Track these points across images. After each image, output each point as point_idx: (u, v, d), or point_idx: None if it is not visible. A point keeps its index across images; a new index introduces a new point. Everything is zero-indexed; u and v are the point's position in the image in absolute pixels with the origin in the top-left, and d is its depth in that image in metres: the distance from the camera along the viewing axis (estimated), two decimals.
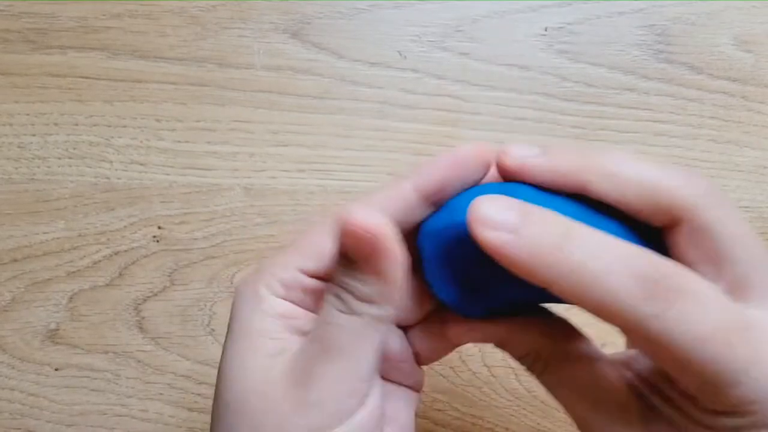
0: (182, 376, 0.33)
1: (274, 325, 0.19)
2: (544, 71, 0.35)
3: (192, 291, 0.34)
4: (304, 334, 0.19)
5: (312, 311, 0.20)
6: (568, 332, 0.20)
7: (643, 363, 0.20)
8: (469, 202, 0.17)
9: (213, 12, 0.35)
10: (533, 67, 0.35)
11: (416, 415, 0.23)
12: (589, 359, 0.19)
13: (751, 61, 0.35)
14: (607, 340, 0.27)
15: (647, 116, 0.35)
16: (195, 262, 0.34)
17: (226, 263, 0.34)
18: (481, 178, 0.19)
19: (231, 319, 0.20)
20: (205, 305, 0.34)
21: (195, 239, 0.34)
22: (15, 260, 0.34)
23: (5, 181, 0.34)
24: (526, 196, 0.18)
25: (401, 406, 0.22)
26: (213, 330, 0.34)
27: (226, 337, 0.20)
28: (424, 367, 0.23)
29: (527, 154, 0.18)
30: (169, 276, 0.34)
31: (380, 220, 0.17)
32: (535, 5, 0.35)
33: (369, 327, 0.18)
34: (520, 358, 0.20)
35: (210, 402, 0.34)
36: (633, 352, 0.21)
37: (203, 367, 0.33)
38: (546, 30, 0.35)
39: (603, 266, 0.15)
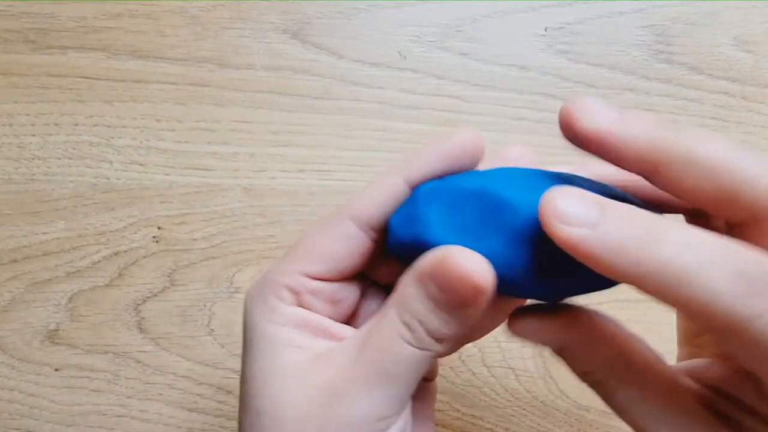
0: (182, 376, 0.33)
1: (293, 333, 0.19)
2: (544, 71, 0.35)
3: (192, 291, 0.34)
4: (323, 335, 0.19)
5: (321, 313, 0.20)
6: (637, 342, 0.19)
7: (720, 375, 0.19)
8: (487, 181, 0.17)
9: (213, 12, 0.35)
10: (533, 67, 0.35)
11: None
12: (660, 371, 0.18)
13: (751, 61, 0.35)
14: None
15: None
16: (195, 263, 0.34)
17: (226, 263, 0.34)
18: (474, 167, 0.19)
19: (247, 330, 0.20)
20: (205, 305, 0.34)
21: (195, 239, 0.34)
22: (15, 260, 0.34)
23: (5, 181, 0.34)
24: (535, 182, 0.17)
25: (418, 397, 0.21)
26: (213, 330, 0.34)
27: (245, 349, 0.20)
28: None
29: (602, 114, 0.16)
30: (169, 276, 0.34)
31: (485, 270, 0.16)
32: (535, 5, 0.35)
33: (429, 361, 0.17)
34: (584, 375, 0.18)
35: (210, 402, 0.34)
36: (703, 362, 0.20)
37: (203, 368, 0.33)
38: (546, 30, 0.35)
39: (696, 262, 0.14)
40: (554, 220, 0.15)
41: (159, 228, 0.34)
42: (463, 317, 0.17)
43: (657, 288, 0.14)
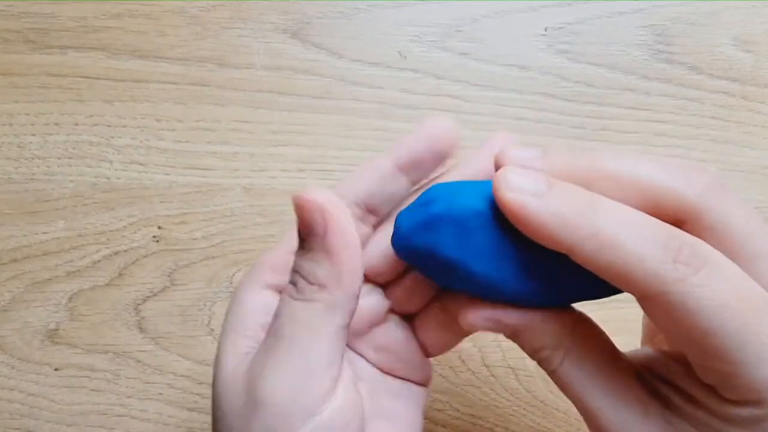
0: (182, 376, 0.33)
1: (249, 321, 0.19)
2: (544, 71, 0.35)
3: (192, 291, 0.34)
4: None
5: None
6: (588, 327, 0.20)
7: (658, 361, 0.20)
8: (452, 192, 0.18)
9: (213, 12, 0.35)
10: (533, 67, 0.35)
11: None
12: (609, 354, 0.19)
13: (751, 61, 0.35)
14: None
15: (647, 116, 0.35)
16: (195, 262, 0.34)
17: (226, 263, 0.34)
18: (451, 152, 0.21)
19: (228, 310, 0.20)
20: (205, 305, 0.34)
21: (195, 239, 0.34)
22: (15, 260, 0.34)
23: (5, 181, 0.34)
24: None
25: (405, 404, 0.21)
26: (213, 330, 0.34)
27: (227, 323, 0.20)
28: None
29: (526, 156, 0.18)
30: (169, 276, 0.34)
31: (329, 196, 0.17)
32: (535, 5, 0.35)
33: (323, 316, 0.17)
34: (534, 352, 0.20)
35: (210, 402, 0.34)
36: (647, 350, 0.21)
37: (203, 367, 0.33)
38: (546, 30, 0.35)
39: (625, 231, 0.15)
40: (503, 186, 0.16)
41: (159, 228, 0.34)
42: (331, 251, 0.17)
43: (590, 254, 0.15)
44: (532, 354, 0.19)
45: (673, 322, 0.16)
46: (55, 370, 0.33)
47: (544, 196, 0.16)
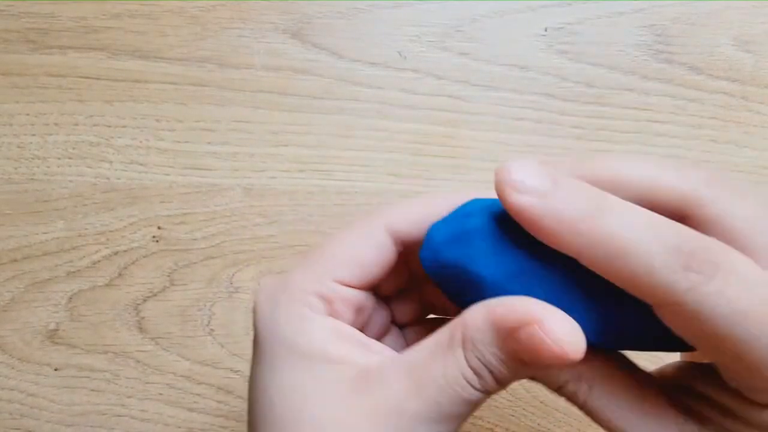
0: (182, 376, 0.33)
1: (329, 346, 0.18)
2: (544, 71, 0.35)
3: (191, 291, 0.34)
4: (359, 348, 0.18)
5: (352, 324, 0.19)
6: (604, 352, 0.19)
7: (686, 372, 0.19)
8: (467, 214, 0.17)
9: (213, 12, 0.35)
10: (533, 67, 0.35)
11: None
12: (634, 377, 0.18)
13: (751, 61, 0.35)
14: None
15: (647, 116, 0.35)
16: (195, 263, 0.34)
17: (226, 263, 0.34)
18: None
19: (266, 342, 0.18)
20: (205, 305, 0.34)
21: (195, 239, 0.34)
22: (15, 260, 0.34)
23: (5, 181, 0.34)
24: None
25: None
26: (212, 330, 0.34)
27: (262, 362, 0.18)
28: None
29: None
30: (169, 276, 0.34)
31: (579, 341, 0.15)
32: (535, 5, 0.35)
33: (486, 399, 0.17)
34: (559, 388, 0.18)
35: (209, 402, 0.34)
36: (674, 363, 0.20)
37: (203, 368, 0.33)
38: (546, 30, 0.35)
39: (636, 235, 0.14)
40: (507, 188, 0.15)
41: (159, 228, 0.34)
42: (539, 371, 0.17)
43: (599, 260, 0.15)
44: (558, 390, 0.18)
45: (691, 330, 0.15)
46: (55, 370, 0.33)
47: (548, 195, 0.15)
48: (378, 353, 0.18)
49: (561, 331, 0.15)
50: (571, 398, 0.18)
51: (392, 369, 0.17)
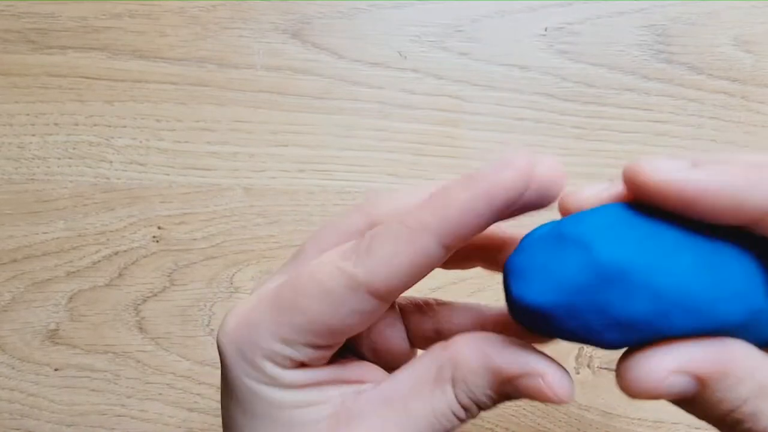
0: (182, 376, 0.33)
1: (300, 395, 0.17)
2: (544, 71, 0.35)
3: (192, 291, 0.34)
4: (333, 383, 0.18)
5: (323, 361, 0.18)
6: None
7: None
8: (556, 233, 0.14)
9: (213, 12, 0.35)
10: (533, 67, 0.35)
11: None
12: None
13: (751, 61, 0.35)
14: None
15: (647, 116, 0.35)
16: (195, 262, 0.34)
17: (226, 263, 0.34)
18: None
19: (237, 391, 0.17)
20: (205, 305, 0.34)
21: (195, 239, 0.34)
22: (15, 260, 0.34)
23: (5, 181, 0.34)
24: (629, 222, 0.14)
25: None
26: (213, 330, 0.34)
27: (236, 407, 0.17)
28: None
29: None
30: (169, 276, 0.34)
31: (569, 390, 0.15)
32: (535, 5, 0.35)
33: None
34: (729, 412, 0.15)
35: (209, 402, 0.34)
36: None
37: (203, 368, 0.33)
38: (546, 30, 0.35)
39: None
40: (649, 171, 0.14)
41: (159, 228, 0.34)
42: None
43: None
44: (721, 420, 0.15)
45: None
46: (55, 370, 0.33)
47: (696, 168, 0.13)
48: (356, 380, 0.18)
49: (560, 384, 0.15)
50: (737, 426, 0.15)
51: (370, 405, 0.17)
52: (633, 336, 0.14)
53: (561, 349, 0.33)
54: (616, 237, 0.14)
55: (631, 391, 0.14)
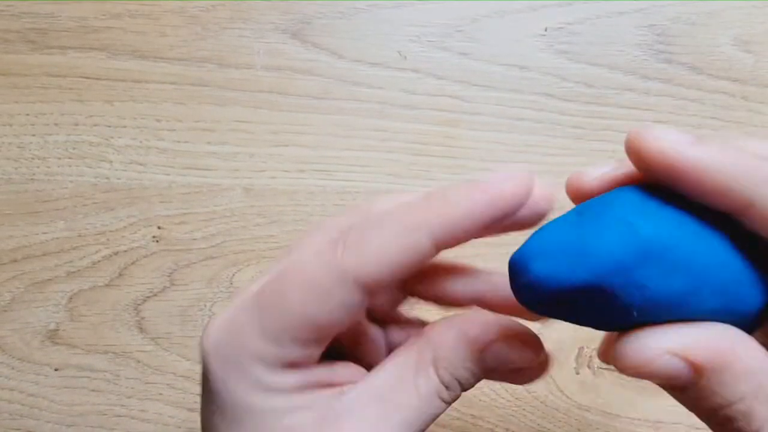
0: (182, 376, 0.33)
1: (286, 399, 0.16)
2: (544, 71, 0.35)
3: (192, 291, 0.34)
4: (320, 387, 0.17)
5: (310, 361, 0.17)
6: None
7: None
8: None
9: (213, 12, 0.35)
10: (533, 67, 0.35)
11: None
12: None
13: (751, 61, 0.35)
14: None
15: (647, 116, 0.35)
16: (195, 263, 0.34)
17: (226, 263, 0.34)
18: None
19: (219, 397, 0.17)
20: (205, 305, 0.34)
21: (195, 239, 0.34)
22: (15, 260, 0.34)
23: (5, 181, 0.34)
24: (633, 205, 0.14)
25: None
26: None
27: (216, 413, 0.17)
28: None
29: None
30: (169, 276, 0.34)
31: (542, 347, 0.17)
32: (535, 5, 0.35)
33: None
34: (725, 406, 0.14)
35: None
36: None
37: None
38: (546, 30, 0.35)
39: None
40: (651, 140, 0.14)
41: (159, 228, 0.34)
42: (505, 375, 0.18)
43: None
44: (713, 414, 0.14)
45: None
46: (55, 370, 0.33)
47: (699, 142, 0.13)
48: (343, 382, 0.18)
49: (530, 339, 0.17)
50: (728, 424, 0.14)
51: (355, 402, 0.17)
52: (654, 315, 0.14)
53: (561, 349, 0.33)
54: (653, 215, 0.14)
55: (622, 364, 0.14)
